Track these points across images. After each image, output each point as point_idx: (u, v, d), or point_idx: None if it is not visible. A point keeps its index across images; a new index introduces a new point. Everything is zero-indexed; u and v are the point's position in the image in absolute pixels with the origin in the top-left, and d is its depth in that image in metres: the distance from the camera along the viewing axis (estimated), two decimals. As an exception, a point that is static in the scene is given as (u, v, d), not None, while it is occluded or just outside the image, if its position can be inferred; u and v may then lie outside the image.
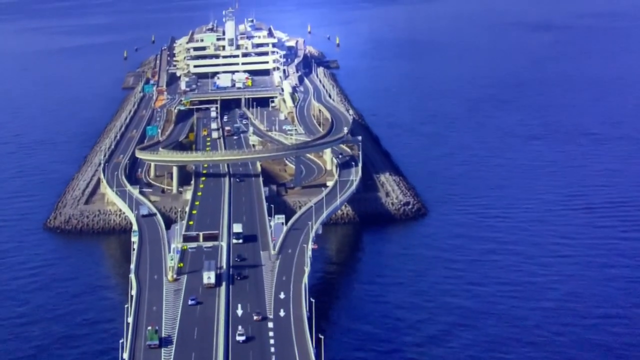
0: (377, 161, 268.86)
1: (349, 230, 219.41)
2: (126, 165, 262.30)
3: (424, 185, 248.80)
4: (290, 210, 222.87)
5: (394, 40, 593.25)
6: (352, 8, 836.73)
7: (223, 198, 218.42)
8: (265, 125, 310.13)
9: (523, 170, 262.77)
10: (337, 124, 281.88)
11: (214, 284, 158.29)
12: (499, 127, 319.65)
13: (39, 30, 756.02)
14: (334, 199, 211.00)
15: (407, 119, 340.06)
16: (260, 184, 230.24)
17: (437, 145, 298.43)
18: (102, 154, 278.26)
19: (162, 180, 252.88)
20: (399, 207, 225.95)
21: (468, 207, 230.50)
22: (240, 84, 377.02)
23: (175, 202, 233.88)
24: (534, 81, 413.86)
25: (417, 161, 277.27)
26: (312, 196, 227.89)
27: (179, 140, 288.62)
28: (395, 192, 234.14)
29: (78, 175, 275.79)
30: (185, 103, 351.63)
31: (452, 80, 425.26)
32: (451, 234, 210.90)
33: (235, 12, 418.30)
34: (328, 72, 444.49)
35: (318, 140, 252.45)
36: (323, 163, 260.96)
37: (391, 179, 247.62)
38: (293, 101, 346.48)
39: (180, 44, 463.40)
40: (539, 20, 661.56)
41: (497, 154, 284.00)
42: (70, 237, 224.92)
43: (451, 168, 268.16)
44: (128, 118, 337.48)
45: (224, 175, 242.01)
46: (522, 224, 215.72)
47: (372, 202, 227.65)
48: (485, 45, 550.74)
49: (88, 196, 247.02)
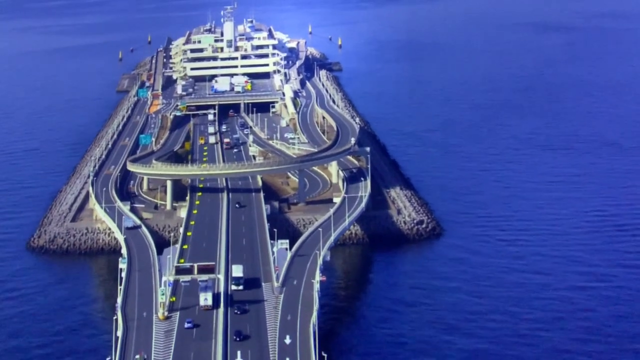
0: (386, 173, 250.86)
1: (358, 252, 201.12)
2: (117, 178, 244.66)
3: (437, 201, 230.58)
4: (294, 229, 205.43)
5: (397, 41, 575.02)
6: (353, 8, 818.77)
7: (221, 217, 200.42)
8: (265, 133, 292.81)
9: (543, 184, 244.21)
10: (343, 133, 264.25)
11: (211, 305, 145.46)
12: (514, 136, 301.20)
13: (32, 30, 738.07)
14: (342, 219, 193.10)
15: (415, 126, 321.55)
16: (261, 201, 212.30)
17: (449, 155, 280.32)
18: (92, 164, 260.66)
19: (155, 194, 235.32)
20: (412, 227, 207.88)
21: (486, 225, 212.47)
22: (239, 88, 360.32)
23: (169, 219, 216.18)
24: (546, 85, 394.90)
25: (428, 173, 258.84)
26: (318, 213, 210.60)
27: (173, 150, 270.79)
28: (407, 209, 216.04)
29: (66, 188, 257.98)
30: (182, 108, 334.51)
31: (460, 84, 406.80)
32: (470, 257, 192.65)
33: (233, 12, 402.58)
34: (331, 75, 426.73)
35: (324, 152, 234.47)
36: (328, 176, 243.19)
37: (402, 194, 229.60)
38: (295, 107, 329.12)
39: (177, 45, 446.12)
40: (548, 21, 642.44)
41: (514, 165, 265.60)
42: (55, 257, 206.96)
43: (465, 181, 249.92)
44: (120, 125, 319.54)
45: (222, 190, 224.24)
46: (548, 247, 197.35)
47: (383, 220, 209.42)
48: (493, 46, 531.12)
49: (75, 212, 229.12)
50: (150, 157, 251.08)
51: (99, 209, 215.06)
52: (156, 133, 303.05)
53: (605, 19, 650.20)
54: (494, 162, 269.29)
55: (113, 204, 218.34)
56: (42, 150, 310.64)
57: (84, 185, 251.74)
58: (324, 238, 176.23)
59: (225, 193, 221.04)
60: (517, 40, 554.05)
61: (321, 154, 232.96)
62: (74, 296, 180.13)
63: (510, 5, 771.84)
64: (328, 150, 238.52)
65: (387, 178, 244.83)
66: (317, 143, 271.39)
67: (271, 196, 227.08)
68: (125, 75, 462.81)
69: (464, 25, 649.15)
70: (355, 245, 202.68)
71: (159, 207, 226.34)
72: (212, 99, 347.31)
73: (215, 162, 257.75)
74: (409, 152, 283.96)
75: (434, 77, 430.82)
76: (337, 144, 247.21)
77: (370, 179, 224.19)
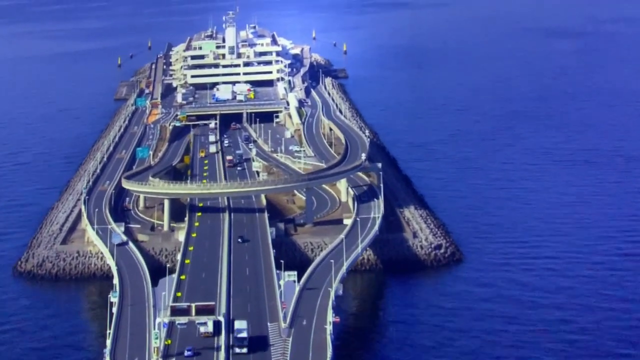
0: (398, 190, 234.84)
1: (370, 280, 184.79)
2: (112, 195, 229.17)
3: (454, 221, 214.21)
4: (301, 254, 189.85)
5: (403, 47, 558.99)
6: (357, 12, 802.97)
7: (222, 242, 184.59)
8: (269, 145, 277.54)
9: (566, 204, 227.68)
10: (352, 147, 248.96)
11: (212, 332, 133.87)
12: (530, 149, 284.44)
13: (31, 35, 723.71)
14: (354, 244, 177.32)
15: (426, 138, 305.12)
16: (265, 223, 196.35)
17: (462, 169, 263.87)
18: (85, 180, 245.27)
19: (152, 213, 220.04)
20: (430, 252, 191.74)
21: (508, 251, 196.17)
22: (241, 97, 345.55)
23: (166, 242, 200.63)
24: (562, 94, 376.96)
25: (442, 190, 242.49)
26: (326, 236, 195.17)
27: (172, 164, 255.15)
28: (423, 232, 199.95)
29: (58, 205, 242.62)
30: (181, 118, 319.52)
31: (470, 93, 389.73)
32: (494, 288, 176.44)
33: (235, 18, 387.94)
34: (336, 82, 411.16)
35: (333, 169, 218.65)
36: (337, 193, 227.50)
37: (417, 214, 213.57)
38: (300, 117, 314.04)
39: (177, 51, 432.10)
40: (558, 26, 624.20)
41: (532, 182, 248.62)
42: (43, 284, 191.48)
43: (482, 198, 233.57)
44: (117, 136, 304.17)
45: (223, 210, 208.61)
46: (580, 274, 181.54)
47: (398, 244, 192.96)
48: (502, 52, 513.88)
49: (66, 233, 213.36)
50: (146, 172, 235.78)
51: (91, 231, 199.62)
52: (154, 145, 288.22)
53: (618, 24, 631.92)
54: (511, 178, 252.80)
55: (106, 225, 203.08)
56: (35, 164, 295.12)
57: (76, 202, 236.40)
58: (335, 268, 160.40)
59: (227, 213, 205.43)
60: (527, 46, 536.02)
61: (330, 170, 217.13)
62: (62, 332, 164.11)
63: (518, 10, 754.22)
64: (337, 166, 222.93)
65: (400, 196, 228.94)
66: (325, 157, 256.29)
67: (276, 215, 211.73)
68: (124, 83, 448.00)
69: (471, 31, 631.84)
70: (367, 272, 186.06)
71: (155, 227, 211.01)
72: (214, 108, 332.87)
73: (216, 178, 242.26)
74: (421, 166, 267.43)
75: (443, 85, 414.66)
76: (347, 160, 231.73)
77: (383, 198, 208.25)
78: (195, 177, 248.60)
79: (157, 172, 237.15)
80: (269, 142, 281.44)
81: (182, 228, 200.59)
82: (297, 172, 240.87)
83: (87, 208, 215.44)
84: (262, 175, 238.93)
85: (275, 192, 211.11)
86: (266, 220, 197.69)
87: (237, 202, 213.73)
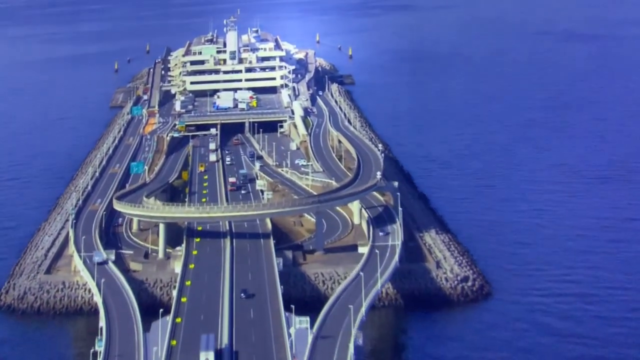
0: (416, 211, 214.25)
1: (389, 317, 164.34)
2: (103, 217, 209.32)
3: (479, 248, 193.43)
4: (311, 288, 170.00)
5: (411, 51, 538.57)
6: (362, 15, 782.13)
7: (223, 275, 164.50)
8: (274, 159, 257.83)
9: (602, 225, 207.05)
10: (365, 162, 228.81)
11: None
12: (555, 163, 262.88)
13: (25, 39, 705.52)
14: (372, 278, 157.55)
15: (441, 151, 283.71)
16: (271, 252, 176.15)
17: (484, 186, 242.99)
18: (75, 198, 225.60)
19: (146, 236, 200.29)
20: (455, 284, 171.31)
21: (542, 279, 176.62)
22: (243, 105, 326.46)
23: (161, 271, 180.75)
24: (584, 102, 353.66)
25: (463, 210, 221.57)
26: (339, 265, 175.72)
27: (169, 181, 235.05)
28: (447, 262, 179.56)
29: (45, 227, 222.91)
30: (180, 128, 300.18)
31: (484, 100, 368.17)
32: (528, 326, 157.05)
33: (237, 21, 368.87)
34: (342, 89, 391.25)
35: (345, 189, 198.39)
36: (349, 214, 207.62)
37: (439, 239, 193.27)
38: (306, 127, 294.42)
39: (176, 56, 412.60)
40: (571, 29, 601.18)
41: (563, 200, 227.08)
42: (24, 319, 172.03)
43: (508, 220, 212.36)
44: (111, 149, 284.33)
45: (224, 235, 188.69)
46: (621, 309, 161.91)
47: (420, 276, 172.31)
48: (516, 57, 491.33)
49: (52, 260, 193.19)
50: (140, 191, 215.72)
51: (78, 260, 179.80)
52: (150, 158, 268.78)
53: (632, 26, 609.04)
54: (537, 196, 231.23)
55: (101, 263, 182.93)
56: (23, 179, 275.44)
57: (64, 223, 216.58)
58: (353, 308, 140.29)
59: (229, 239, 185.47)
60: (542, 50, 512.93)
61: (342, 191, 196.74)
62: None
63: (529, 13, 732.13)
64: (350, 185, 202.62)
65: (418, 217, 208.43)
66: (334, 173, 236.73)
67: (282, 240, 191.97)
68: (121, 89, 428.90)
69: (481, 34, 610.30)
70: (386, 309, 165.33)
71: (150, 254, 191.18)
72: (214, 118, 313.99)
73: (217, 196, 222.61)
74: (438, 182, 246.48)
75: (454, 92, 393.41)
76: (360, 178, 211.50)
77: (401, 222, 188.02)
78: (194, 195, 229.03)
79: (152, 190, 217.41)
80: (274, 155, 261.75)
81: (178, 256, 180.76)
82: (305, 190, 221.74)
83: (75, 232, 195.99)
84: (266, 195, 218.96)
85: (282, 215, 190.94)
86: (272, 249, 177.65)
87: (239, 224, 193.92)
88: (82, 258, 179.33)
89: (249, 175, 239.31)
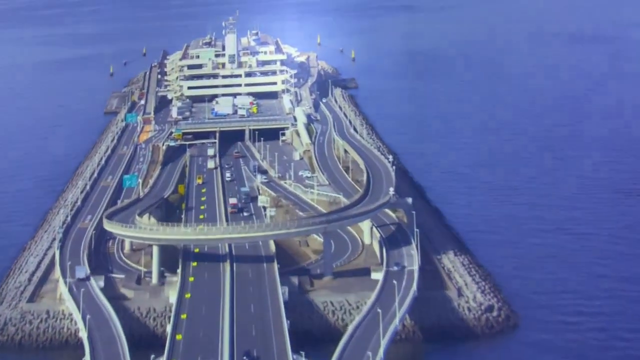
0: (431, 229, 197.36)
1: (407, 352, 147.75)
2: (92, 236, 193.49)
3: (503, 271, 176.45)
4: (320, 320, 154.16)
5: (416, 53, 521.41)
6: (364, 16, 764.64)
7: (222, 307, 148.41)
8: (276, 170, 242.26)
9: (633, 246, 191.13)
10: (375, 176, 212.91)
11: None
12: (579, 175, 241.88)
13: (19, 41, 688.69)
14: (389, 311, 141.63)
15: (454, 161, 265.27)
16: (275, 279, 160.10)
17: (501, 201, 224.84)
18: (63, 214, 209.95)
19: (139, 258, 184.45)
20: (479, 315, 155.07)
21: (573, 307, 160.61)
22: (243, 111, 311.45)
23: (155, 299, 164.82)
24: (604, 108, 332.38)
25: (482, 228, 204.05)
26: (350, 292, 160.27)
27: (164, 197, 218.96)
28: (470, 289, 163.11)
29: (31, 246, 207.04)
30: (177, 136, 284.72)
31: (497, 106, 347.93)
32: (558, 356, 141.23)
33: (236, 23, 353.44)
34: (346, 94, 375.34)
35: (356, 207, 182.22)
36: (358, 233, 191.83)
37: (458, 262, 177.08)
38: (309, 135, 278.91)
39: (173, 60, 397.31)
40: (584, 30, 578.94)
41: (588, 217, 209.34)
42: (5, 352, 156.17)
43: (533, 240, 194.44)
44: (103, 159, 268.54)
45: (224, 259, 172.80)
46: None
47: (440, 306, 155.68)
48: (527, 60, 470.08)
49: (36, 285, 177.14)
50: (133, 207, 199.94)
51: (63, 288, 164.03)
52: (145, 170, 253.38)
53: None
54: (562, 213, 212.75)
55: (83, 279, 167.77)
56: (11, 193, 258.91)
57: (52, 242, 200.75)
58: (369, 349, 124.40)
59: (228, 263, 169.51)
60: (555, 53, 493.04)
61: (352, 209, 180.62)
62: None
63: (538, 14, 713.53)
64: (360, 203, 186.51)
65: (435, 237, 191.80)
66: (341, 186, 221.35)
67: (286, 261, 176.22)
68: (116, 94, 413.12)
69: (490, 36, 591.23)
70: (403, 343, 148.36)
71: (142, 278, 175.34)
72: (212, 125, 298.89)
73: (216, 213, 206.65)
74: (453, 197, 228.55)
75: (464, 97, 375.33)
76: (370, 193, 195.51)
77: (418, 244, 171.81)
78: (190, 211, 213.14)
79: (146, 207, 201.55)
80: (276, 166, 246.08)
81: (174, 283, 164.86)
82: (311, 206, 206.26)
83: (61, 254, 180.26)
84: (269, 212, 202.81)
85: (287, 237, 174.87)
86: (276, 275, 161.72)
87: (240, 246, 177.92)
88: (68, 285, 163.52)
89: (251, 194, 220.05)
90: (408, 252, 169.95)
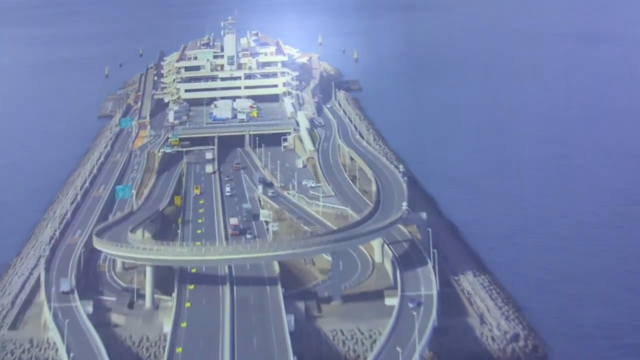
0: (447, 246, 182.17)
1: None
2: (82, 254, 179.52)
3: (526, 294, 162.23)
4: (329, 351, 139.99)
5: (420, 54, 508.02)
6: (365, 16, 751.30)
7: (222, 339, 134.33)
8: (278, 179, 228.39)
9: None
10: (384, 188, 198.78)
11: None
12: (600, 185, 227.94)
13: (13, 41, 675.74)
14: (406, 344, 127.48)
15: (466, 170, 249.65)
16: (279, 305, 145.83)
17: (520, 214, 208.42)
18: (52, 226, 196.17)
19: (132, 277, 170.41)
20: (504, 345, 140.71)
21: (603, 333, 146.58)
22: (243, 115, 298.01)
23: (148, 326, 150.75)
24: (619, 112, 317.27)
25: (502, 245, 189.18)
26: (362, 320, 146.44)
27: (159, 209, 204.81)
28: (493, 315, 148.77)
29: (16, 263, 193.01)
30: (173, 142, 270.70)
31: (506, 110, 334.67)
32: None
33: (235, 23, 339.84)
34: (350, 96, 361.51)
35: (366, 224, 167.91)
36: (368, 250, 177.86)
37: (478, 283, 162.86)
38: (313, 141, 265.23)
39: (169, 62, 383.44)
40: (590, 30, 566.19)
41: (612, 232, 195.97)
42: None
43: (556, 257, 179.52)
44: (96, 167, 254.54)
45: (223, 281, 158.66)
46: None
47: (461, 335, 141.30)
48: (535, 60, 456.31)
49: (20, 309, 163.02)
50: (126, 222, 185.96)
51: (48, 314, 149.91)
52: (139, 179, 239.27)
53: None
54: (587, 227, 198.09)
55: (70, 303, 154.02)
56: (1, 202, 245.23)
57: (38, 260, 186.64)
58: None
59: (228, 286, 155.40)
60: (560, 52, 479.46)
61: (362, 226, 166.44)
62: None
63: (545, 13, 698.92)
64: (370, 218, 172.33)
65: (451, 255, 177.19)
66: (348, 198, 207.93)
67: (291, 283, 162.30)
68: (111, 96, 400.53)
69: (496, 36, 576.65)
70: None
71: (135, 302, 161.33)
72: (211, 130, 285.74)
73: (214, 229, 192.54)
74: (468, 208, 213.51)
75: (472, 99, 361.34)
76: (381, 208, 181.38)
77: (436, 266, 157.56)
78: (187, 224, 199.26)
79: (140, 222, 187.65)
80: (278, 175, 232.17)
81: (169, 309, 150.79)
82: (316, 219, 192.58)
83: (47, 275, 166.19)
84: (271, 227, 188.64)
85: (292, 257, 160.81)
86: (281, 300, 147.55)
87: (241, 266, 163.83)
88: (53, 310, 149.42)
89: (253, 211, 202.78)
90: (424, 274, 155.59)
